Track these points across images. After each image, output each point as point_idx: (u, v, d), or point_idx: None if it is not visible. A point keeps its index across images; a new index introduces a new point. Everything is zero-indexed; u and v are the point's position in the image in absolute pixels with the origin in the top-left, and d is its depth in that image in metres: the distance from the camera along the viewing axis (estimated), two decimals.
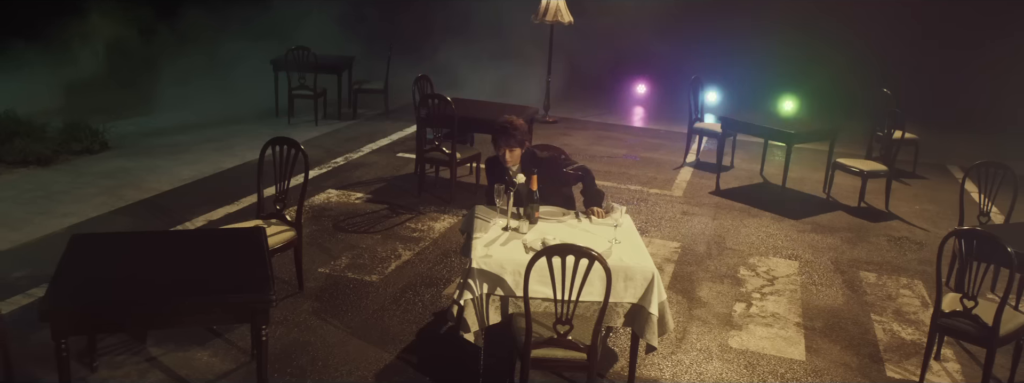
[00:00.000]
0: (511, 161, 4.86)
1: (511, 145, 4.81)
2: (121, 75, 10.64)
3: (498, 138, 4.83)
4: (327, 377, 4.31)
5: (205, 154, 8.54)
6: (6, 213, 6.56)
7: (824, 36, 11.87)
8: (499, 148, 4.86)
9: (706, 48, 12.02)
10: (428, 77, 8.10)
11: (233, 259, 3.94)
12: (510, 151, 4.83)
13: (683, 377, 4.52)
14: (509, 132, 4.79)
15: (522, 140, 4.84)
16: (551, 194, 4.92)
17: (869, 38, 11.94)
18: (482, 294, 4.14)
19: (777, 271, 6.13)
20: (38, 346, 4.44)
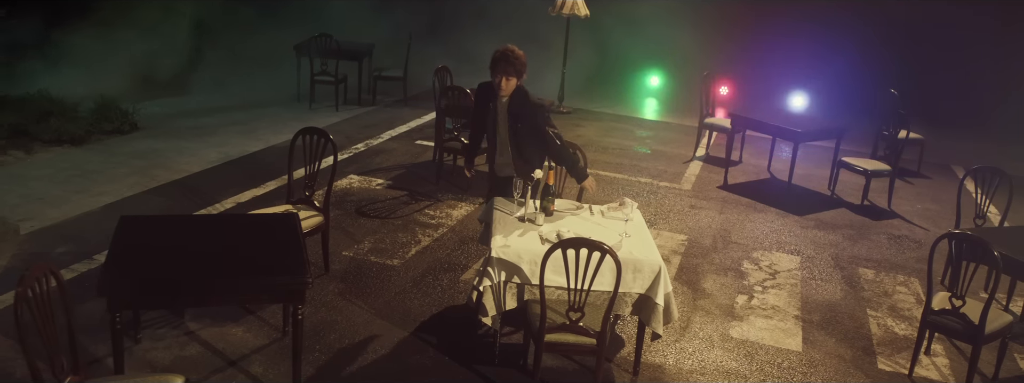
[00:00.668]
0: (505, 90, 5.01)
1: (509, 74, 4.95)
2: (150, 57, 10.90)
3: (498, 65, 4.96)
4: (355, 354, 4.62)
5: (230, 137, 8.84)
6: (45, 190, 6.88)
7: (836, 32, 12.04)
8: (496, 75, 4.99)
9: (719, 41, 12.21)
10: (447, 68, 8.36)
11: (271, 243, 4.24)
12: (507, 80, 4.97)
13: (686, 364, 4.81)
14: (510, 60, 4.93)
15: (520, 71, 4.97)
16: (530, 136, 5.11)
17: (880, 36, 12.11)
18: (500, 281, 4.43)
19: (779, 265, 6.40)
20: (81, 318, 4.76)
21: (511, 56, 4.95)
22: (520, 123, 5.11)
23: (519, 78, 5.03)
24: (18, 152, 7.82)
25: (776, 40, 12.19)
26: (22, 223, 6.11)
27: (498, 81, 5.02)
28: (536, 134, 5.14)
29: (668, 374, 4.69)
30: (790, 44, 12.14)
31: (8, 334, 4.60)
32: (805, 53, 12.10)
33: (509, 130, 5.18)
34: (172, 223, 4.61)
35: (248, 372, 4.36)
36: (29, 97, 8.92)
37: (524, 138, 5.15)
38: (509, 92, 5.07)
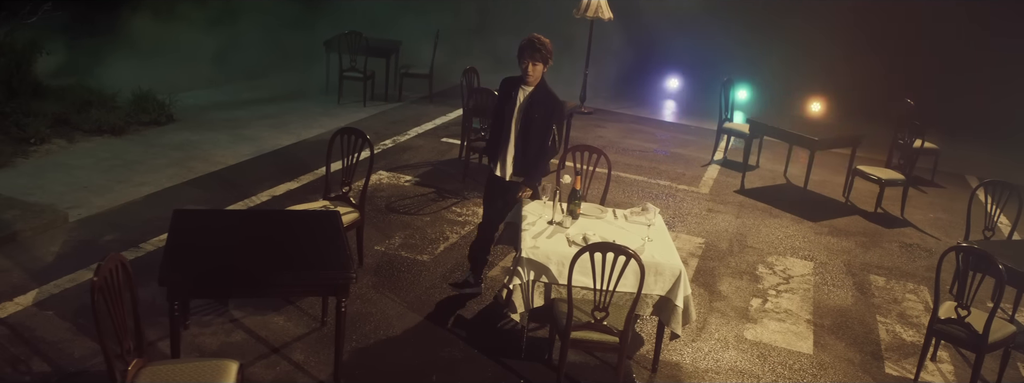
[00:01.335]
0: (532, 76, 5.15)
1: (536, 59, 5.09)
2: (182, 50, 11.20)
3: (525, 51, 5.09)
4: (389, 345, 4.90)
5: (262, 130, 9.12)
6: (89, 179, 7.18)
7: (857, 40, 12.21)
8: (524, 61, 5.12)
9: (738, 45, 12.41)
10: (475, 70, 8.60)
11: (316, 238, 4.51)
12: (533, 65, 5.11)
13: (702, 363, 5.07)
14: (536, 47, 5.07)
15: (546, 58, 5.12)
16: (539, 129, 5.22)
17: (899, 44, 12.26)
18: (529, 280, 4.69)
19: (793, 270, 6.63)
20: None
21: (537, 43, 5.10)
22: (536, 114, 5.19)
23: (545, 64, 5.15)
24: (61, 141, 8.12)
25: (795, 45, 12.37)
26: (70, 210, 6.41)
27: (525, 66, 5.13)
28: (544, 128, 5.22)
29: (685, 372, 4.95)
30: (809, 50, 12.32)
31: (64, 317, 4.90)
32: (824, 59, 12.29)
33: (521, 121, 5.24)
34: (221, 217, 4.90)
35: (290, 359, 4.63)
36: (69, 87, 9.24)
37: (533, 132, 5.22)
38: (536, 79, 5.18)
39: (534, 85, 5.23)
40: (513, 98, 5.28)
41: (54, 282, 5.31)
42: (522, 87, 5.25)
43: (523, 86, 5.24)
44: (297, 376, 4.49)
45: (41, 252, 5.74)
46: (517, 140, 5.30)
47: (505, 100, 5.34)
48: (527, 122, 5.24)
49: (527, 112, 5.22)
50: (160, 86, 9.45)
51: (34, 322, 4.82)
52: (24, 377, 4.29)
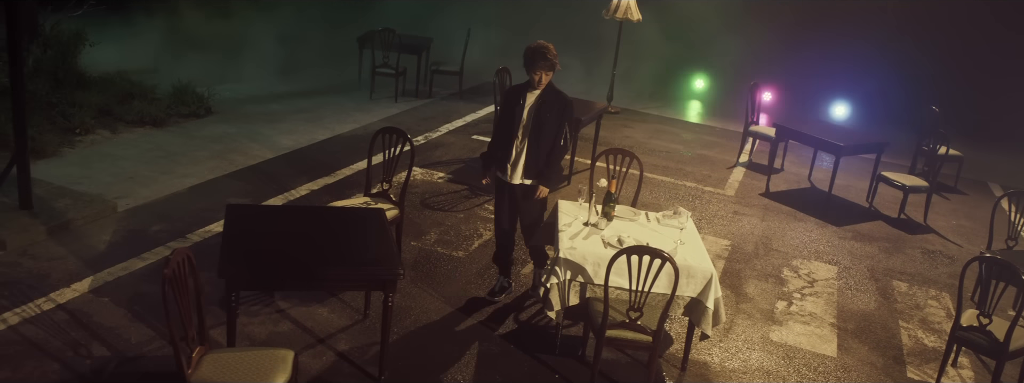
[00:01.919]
0: (542, 84, 5.24)
1: (546, 69, 5.18)
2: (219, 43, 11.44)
3: (537, 61, 5.15)
4: (428, 338, 5.10)
5: (298, 124, 9.34)
6: (134, 170, 7.42)
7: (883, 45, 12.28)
8: (535, 72, 5.18)
9: (766, 48, 12.51)
10: (508, 69, 8.77)
11: (363, 235, 4.72)
12: (546, 74, 5.21)
13: (729, 363, 5.24)
14: (545, 55, 5.14)
15: (554, 64, 5.19)
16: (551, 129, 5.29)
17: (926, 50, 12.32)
18: (565, 280, 4.88)
19: (817, 274, 6.78)
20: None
21: (545, 50, 5.15)
22: (548, 113, 5.25)
23: (553, 71, 5.22)
24: (105, 131, 8.37)
25: (822, 49, 12.46)
26: (119, 200, 6.65)
27: (537, 77, 5.21)
28: (557, 127, 5.29)
29: (713, 371, 5.12)
30: (836, 54, 12.41)
31: (119, 303, 5.14)
32: (850, 63, 12.37)
33: (533, 123, 5.27)
34: (271, 212, 5.11)
35: (336, 349, 4.85)
36: (110, 78, 9.49)
37: (545, 132, 5.27)
38: (544, 86, 5.26)
39: (542, 88, 5.31)
40: (521, 104, 5.32)
41: (108, 270, 5.54)
42: (528, 93, 5.32)
43: (529, 93, 5.32)
44: (343, 366, 4.70)
45: (93, 240, 5.98)
46: (529, 143, 5.33)
47: (512, 107, 5.36)
48: (539, 123, 5.28)
49: (538, 113, 5.27)
50: (197, 79, 9.69)
51: (91, 308, 5.05)
52: (85, 360, 4.52)
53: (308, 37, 12.14)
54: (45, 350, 4.58)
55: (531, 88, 5.32)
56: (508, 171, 5.42)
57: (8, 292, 5.14)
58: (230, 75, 10.89)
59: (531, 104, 5.31)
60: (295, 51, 11.86)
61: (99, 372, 4.43)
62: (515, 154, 5.38)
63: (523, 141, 5.34)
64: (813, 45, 12.51)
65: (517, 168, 5.39)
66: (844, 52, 12.42)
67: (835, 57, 12.45)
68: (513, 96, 5.40)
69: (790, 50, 12.55)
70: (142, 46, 11.12)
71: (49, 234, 5.98)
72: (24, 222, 6.00)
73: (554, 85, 5.35)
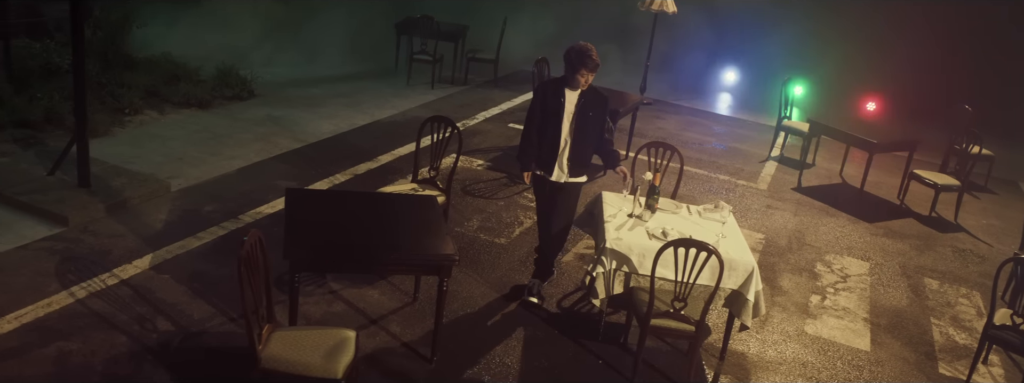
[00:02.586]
0: (584, 85, 5.24)
1: (592, 71, 5.18)
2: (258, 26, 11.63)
3: (585, 63, 5.14)
4: (475, 323, 5.29)
5: (338, 109, 9.52)
6: (183, 151, 7.62)
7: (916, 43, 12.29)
8: (578, 71, 5.16)
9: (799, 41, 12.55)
10: (547, 60, 8.90)
11: (417, 220, 4.89)
12: (590, 76, 5.21)
13: (766, 354, 5.39)
14: (593, 58, 5.14)
15: (598, 65, 5.20)
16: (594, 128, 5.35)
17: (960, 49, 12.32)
18: (611, 269, 5.04)
19: (850, 270, 6.90)
20: None
21: (591, 52, 5.14)
22: (591, 112, 5.27)
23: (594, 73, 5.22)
24: (152, 112, 8.59)
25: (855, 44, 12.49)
26: (171, 180, 6.86)
27: (584, 79, 5.19)
28: (600, 123, 5.35)
29: (750, 361, 5.28)
30: (868, 49, 12.44)
31: (180, 280, 5.35)
32: (883, 59, 12.40)
33: (575, 123, 5.29)
34: (328, 197, 5.30)
35: (388, 330, 5.04)
36: (156, 60, 9.70)
37: (590, 128, 5.31)
38: (586, 86, 5.26)
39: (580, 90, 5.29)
40: (561, 102, 5.28)
41: (166, 248, 5.76)
42: (567, 91, 5.29)
43: (568, 90, 5.29)
44: (395, 346, 4.89)
45: (150, 219, 6.19)
46: (572, 142, 5.33)
47: (553, 104, 5.30)
48: (582, 122, 5.29)
49: (581, 112, 5.28)
50: (239, 61, 9.88)
51: (153, 284, 5.27)
52: (151, 335, 4.74)
53: (345, 22, 12.28)
54: (112, 323, 4.79)
55: (570, 86, 5.29)
56: (556, 171, 5.41)
57: (74, 267, 5.37)
58: (269, 59, 11.06)
59: (573, 103, 5.29)
60: (333, 36, 12.01)
61: (165, 346, 4.64)
62: (558, 153, 5.36)
63: (566, 140, 5.34)
64: (845, 40, 12.54)
65: (563, 167, 5.40)
66: (876, 48, 12.44)
67: (867, 52, 12.48)
68: (552, 93, 5.33)
69: (822, 44, 12.58)
70: (183, 29, 11.31)
71: (107, 212, 6.19)
72: (84, 200, 6.21)
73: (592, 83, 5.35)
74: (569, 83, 5.29)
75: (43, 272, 5.26)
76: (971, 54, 12.33)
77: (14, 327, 4.66)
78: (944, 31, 12.34)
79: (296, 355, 3.90)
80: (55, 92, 8.05)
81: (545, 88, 5.41)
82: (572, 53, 5.22)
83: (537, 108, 5.40)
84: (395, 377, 4.63)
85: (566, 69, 5.27)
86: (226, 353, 4.64)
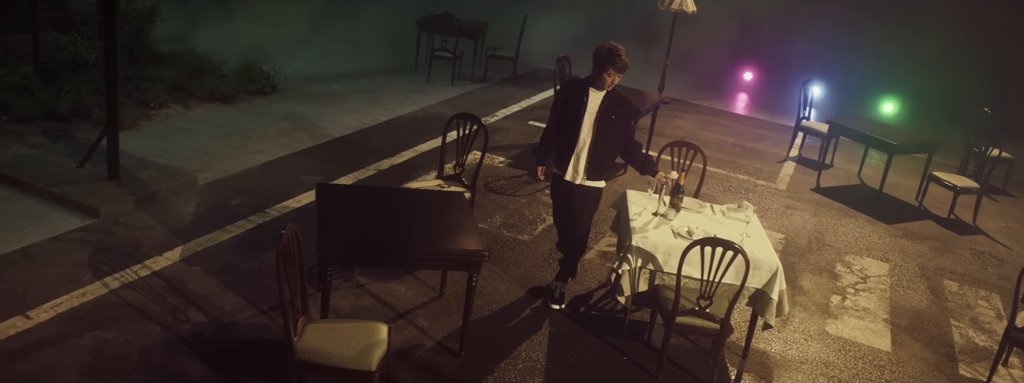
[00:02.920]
0: (609, 85, 5.18)
1: (619, 69, 5.10)
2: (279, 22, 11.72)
3: (613, 61, 5.06)
4: (500, 318, 5.35)
5: (360, 105, 9.59)
6: (209, 145, 7.71)
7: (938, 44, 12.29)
8: (605, 70, 5.09)
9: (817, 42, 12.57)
10: (568, 58, 8.95)
11: (447, 216, 4.95)
12: (618, 76, 5.14)
13: (788, 353, 5.44)
14: (622, 58, 5.08)
15: (626, 66, 5.12)
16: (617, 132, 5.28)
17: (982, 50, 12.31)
18: (636, 267, 5.09)
19: (869, 270, 6.94)
20: (268, 265, 5.57)
21: (620, 52, 5.08)
22: (614, 114, 5.22)
23: (622, 74, 5.15)
24: (177, 106, 8.67)
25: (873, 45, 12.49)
26: (198, 174, 6.94)
27: (611, 79, 5.13)
28: (623, 130, 5.30)
29: (772, 360, 5.33)
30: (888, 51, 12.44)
31: (210, 273, 5.43)
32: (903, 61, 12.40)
33: (598, 124, 5.23)
34: (359, 192, 5.37)
35: (416, 324, 5.11)
36: (179, 54, 9.79)
37: (612, 131, 5.25)
38: (611, 87, 5.20)
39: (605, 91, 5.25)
40: (584, 102, 5.23)
41: (196, 240, 5.84)
42: (592, 90, 5.24)
43: (593, 89, 5.24)
44: (424, 340, 4.96)
45: (179, 212, 6.28)
46: (593, 144, 5.28)
47: (575, 102, 5.26)
48: (604, 124, 5.25)
49: (605, 114, 5.23)
50: (260, 56, 9.95)
51: (184, 276, 5.35)
52: (184, 325, 4.82)
53: (365, 18, 12.36)
54: (146, 314, 4.88)
55: (596, 86, 5.24)
56: (570, 171, 5.37)
57: (106, 258, 5.46)
58: (289, 54, 11.14)
59: (597, 105, 5.24)
60: (352, 32, 12.10)
61: (198, 336, 4.72)
62: (578, 154, 5.32)
63: (587, 142, 5.29)
64: (864, 41, 12.55)
65: (580, 169, 5.35)
66: (895, 49, 12.45)
67: (886, 54, 12.48)
68: (576, 93, 5.27)
69: (841, 45, 12.59)
70: (204, 23, 11.41)
71: (137, 204, 6.28)
72: (114, 192, 6.30)
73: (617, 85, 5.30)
74: (595, 82, 5.24)
75: (76, 263, 5.35)
76: (993, 56, 12.31)
77: (50, 316, 4.75)
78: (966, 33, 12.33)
79: (331, 347, 3.98)
80: (82, 85, 8.15)
81: (570, 86, 5.39)
82: (601, 52, 5.17)
83: (559, 104, 5.40)
84: (424, 371, 4.70)
85: (594, 67, 5.23)
86: (258, 345, 4.72)
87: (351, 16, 12.28)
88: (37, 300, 4.88)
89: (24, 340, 4.50)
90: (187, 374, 4.40)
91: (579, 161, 5.34)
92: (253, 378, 4.43)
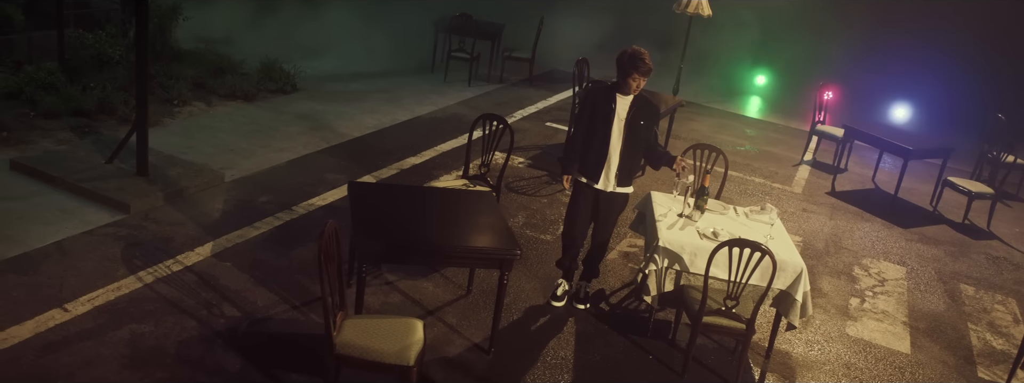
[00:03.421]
0: (635, 89, 5.20)
1: (643, 72, 5.11)
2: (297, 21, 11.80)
3: (637, 65, 5.07)
4: (527, 317, 5.43)
5: (379, 104, 9.68)
6: (233, 142, 7.80)
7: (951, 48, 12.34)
8: (630, 75, 5.09)
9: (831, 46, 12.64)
10: (587, 61, 9.03)
11: (478, 216, 5.04)
12: (642, 81, 5.15)
13: (810, 354, 5.52)
14: (645, 62, 5.09)
15: (651, 69, 5.14)
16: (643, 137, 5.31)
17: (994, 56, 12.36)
18: (663, 267, 5.17)
19: (887, 274, 7.01)
20: (297, 261, 5.66)
21: (644, 57, 5.09)
22: (642, 120, 5.24)
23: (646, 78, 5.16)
24: (200, 103, 8.77)
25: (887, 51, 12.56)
26: (224, 171, 7.02)
27: (636, 83, 5.14)
28: (649, 131, 5.32)
29: (795, 360, 5.41)
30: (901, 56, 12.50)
31: (242, 269, 5.51)
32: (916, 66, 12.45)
33: (627, 130, 5.24)
34: (390, 191, 5.46)
35: (445, 321, 5.19)
36: (201, 52, 9.88)
37: (638, 141, 5.29)
38: (637, 91, 5.20)
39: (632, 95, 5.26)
40: (612, 109, 5.23)
41: (225, 237, 5.92)
42: (619, 96, 5.25)
43: (619, 95, 5.25)
44: (453, 337, 5.04)
45: (207, 208, 6.36)
46: (623, 150, 5.28)
47: (603, 110, 5.25)
48: (633, 130, 5.25)
49: (633, 120, 5.24)
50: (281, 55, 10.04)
51: (216, 271, 5.43)
52: (219, 320, 4.90)
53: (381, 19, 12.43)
54: (181, 308, 4.96)
55: (622, 91, 5.24)
56: (600, 178, 5.35)
57: (139, 253, 5.54)
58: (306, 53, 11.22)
59: (625, 110, 5.24)
60: (369, 32, 12.17)
61: (233, 331, 4.81)
62: (608, 161, 5.30)
63: (617, 148, 5.28)
64: (877, 47, 12.61)
65: (610, 176, 5.35)
66: (909, 55, 12.51)
67: (900, 60, 12.55)
68: (603, 100, 5.26)
69: (854, 51, 12.66)
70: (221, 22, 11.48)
71: (166, 200, 6.37)
72: (143, 188, 6.39)
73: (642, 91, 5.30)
74: (621, 88, 5.24)
75: (110, 257, 5.44)
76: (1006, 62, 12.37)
77: (87, 309, 4.83)
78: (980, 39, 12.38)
79: (369, 342, 4.05)
80: (107, 82, 8.25)
81: (596, 93, 5.36)
82: (624, 57, 5.18)
83: (586, 113, 5.35)
84: (456, 367, 4.77)
85: (618, 73, 5.24)
86: (292, 340, 4.80)
87: (368, 16, 12.34)
88: (73, 293, 4.96)
89: (63, 332, 4.59)
90: (224, 367, 4.48)
91: (610, 168, 5.33)
92: (289, 372, 4.50)
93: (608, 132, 5.25)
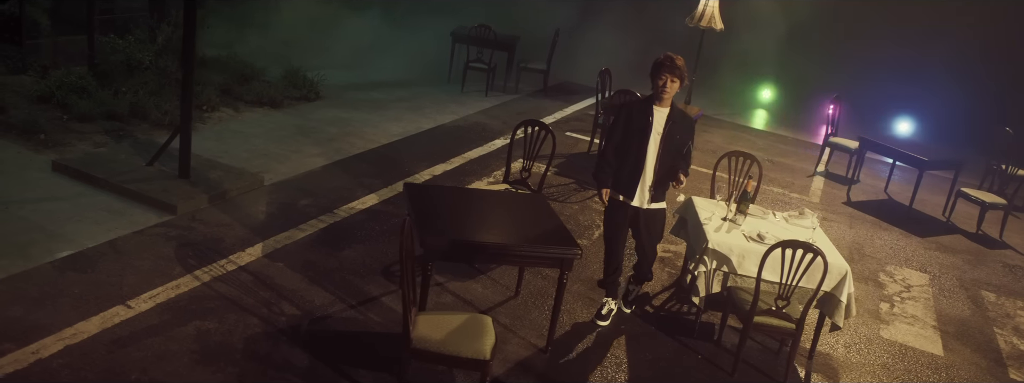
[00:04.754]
0: (669, 93, 5.15)
1: (676, 76, 5.10)
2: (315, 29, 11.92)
3: (668, 68, 5.07)
4: (577, 317, 5.54)
5: (402, 112, 9.79)
6: (266, 148, 7.88)
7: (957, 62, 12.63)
8: (661, 77, 5.09)
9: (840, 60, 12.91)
10: (609, 71, 9.21)
11: (535, 218, 5.15)
12: (672, 81, 5.11)
13: (850, 356, 5.66)
14: (677, 64, 5.10)
15: (683, 75, 5.11)
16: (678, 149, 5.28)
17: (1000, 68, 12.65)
18: (711, 269, 5.31)
19: (911, 280, 7.19)
20: (347, 262, 5.74)
21: (678, 60, 5.12)
22: (678, 134, 5.23)
23: (682, 82, 5.15)
24: (228, 110, 8.84)
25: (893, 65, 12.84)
26: (263, 175, 7.10)
27: (662, 83, 5.10)
28: (683, 144, 5.29)
29: (837, 362, 5.55)
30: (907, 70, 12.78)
31: (294, 269, 5.59)
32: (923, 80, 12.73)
33: (662, 145, 5.22)
34: (446, 193, 5.58)
35: (498, 321, 5.29)
36: (225, 59, 9.96)
37: (673, 154, 5.27)
38: (671, 96, 5.19)
39: (668, 106, 5.23)
40: (649, 122, 5.19)
41: (274, 238, 6.00)
42: (656, 109, 5.22)
43: (656, 108, 5.22)
44: (508, 336, 5.14)
45: (251, 210, 6.44)
46: (658, 166, 5.25)
47: (639, 123, 5.21)
48: (669, 144, 5.22)
49: (669, 135, 5.22)
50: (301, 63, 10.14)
51: (269, 271, 5.51)
52: (280, 317, 4.98)
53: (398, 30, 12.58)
54: (242, 306, 5.03)
55: (657, 102, 5.21)
56: (635, 194, 5.31)
57: (192, 252, 5.61)
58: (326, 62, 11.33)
59: (662, 124, 5.21)
60: (385, 42, 12.31)
61: (296, 328, 4.88)
62: (643, 176, 5.28)
63: (652, 163, 5.26)
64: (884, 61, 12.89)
65: (646, 192, 5.32)
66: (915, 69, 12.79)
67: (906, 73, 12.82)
68: (639, 114, 5.23)
69: (861, 65, 12.93)
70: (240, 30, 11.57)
71: (210, 202, 6.44)
72: (187, 190, 6.46)
73: (675, 103, 5.31)
74: (655, 99, 5.21)
75: (164, 256, 5.50)
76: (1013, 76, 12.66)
77: (150, 306, 4.89)
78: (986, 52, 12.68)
79: (445, 337, 4.15)
80: (139, 87, 8.31)
81: (631, 107, 5.33)
82: (655, 62, 5.20)
83: (620, 127, 5.31)
84: (517, 365, 4.87)
85: (652, 80, 5.19)
86: (354, 337, 4.88)
87: (385, 26, 12.49)
88: (134, 290, 5.03)
89: (130, 328, 4.65)
90: (292, 363, 4.55)
91: (645, 183, 5.31)
92: (356, 368, 4.58)
93: (644, 146, 5.23)
